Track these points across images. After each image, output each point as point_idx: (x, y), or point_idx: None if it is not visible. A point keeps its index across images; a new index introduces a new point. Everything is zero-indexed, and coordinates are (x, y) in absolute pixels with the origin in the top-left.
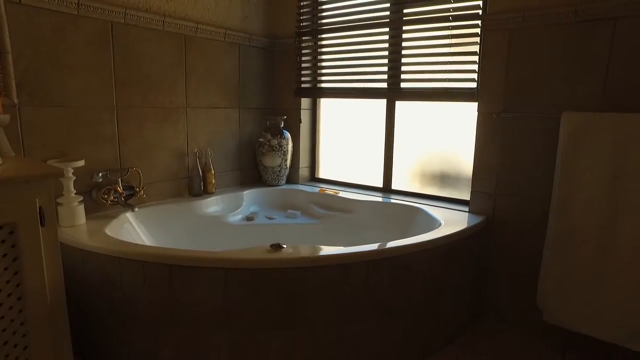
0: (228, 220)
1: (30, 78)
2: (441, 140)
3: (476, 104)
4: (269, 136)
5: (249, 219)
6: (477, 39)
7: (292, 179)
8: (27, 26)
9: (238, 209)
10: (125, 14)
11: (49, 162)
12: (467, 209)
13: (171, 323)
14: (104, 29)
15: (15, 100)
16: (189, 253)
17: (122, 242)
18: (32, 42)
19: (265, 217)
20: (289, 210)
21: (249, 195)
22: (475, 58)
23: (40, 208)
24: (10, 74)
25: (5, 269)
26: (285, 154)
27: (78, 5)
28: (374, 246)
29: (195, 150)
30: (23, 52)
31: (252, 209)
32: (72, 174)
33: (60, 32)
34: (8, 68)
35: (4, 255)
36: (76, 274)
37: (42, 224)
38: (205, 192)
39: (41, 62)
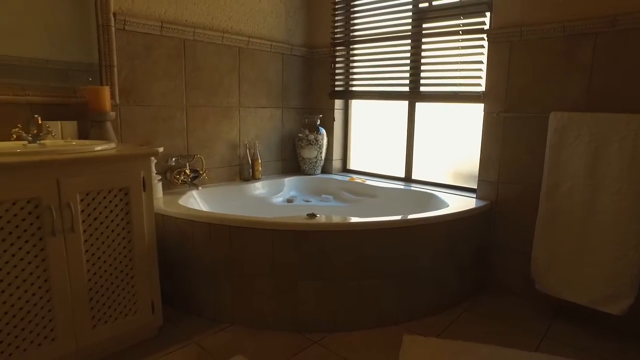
0: (272, 201)
1: (127, 84)
2: (455, 136)
3: (483, 105)
4: (307, 132)
5: (289, 201)
6: (484, 50)
7: (326, 169)
8: (127, 46)
9: (280, 192)
10: (194, 32)
11: None
12: (475, 195)
13: (229, 272)
14: (179, 45)
15: (118, 102)
16: (245, 218)
17: (193, 209)
18: (129, 57)
19: (303, 200)
20: (323, 195)
21: (289, 181)
22: (482, 66)
23: (143, 178)
24: (115, 82)
25: (122, 219)
26: (320, 147)
27: (161, 28)
28: (387, 218)
29: (246, 142)
30: (124, 65)
31: (292, 193)
32: (154, 157)
33: (148, 49)
34: (114, 78)
35: (121, 210)
36: (157, 233)
37: (144, 190)
38: (253, 178)
39: (135, 72)
